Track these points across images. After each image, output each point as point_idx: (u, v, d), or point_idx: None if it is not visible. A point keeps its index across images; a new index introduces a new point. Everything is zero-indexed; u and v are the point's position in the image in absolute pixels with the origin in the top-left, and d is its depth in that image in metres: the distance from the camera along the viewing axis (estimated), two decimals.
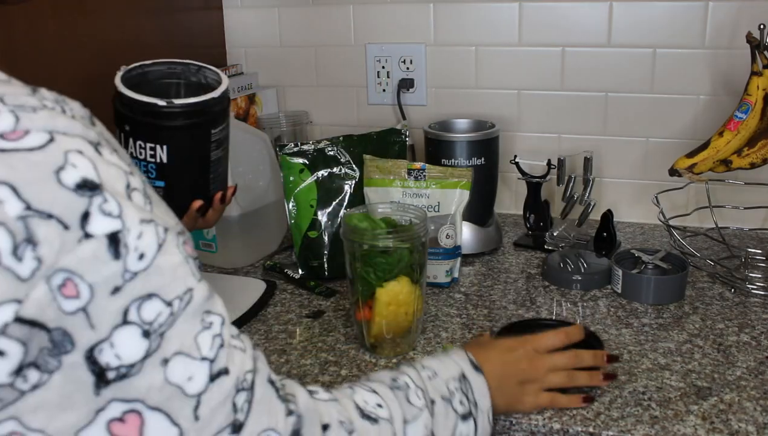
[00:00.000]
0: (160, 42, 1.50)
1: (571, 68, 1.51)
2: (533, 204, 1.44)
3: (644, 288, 1.17)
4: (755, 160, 1.22)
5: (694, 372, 0.97)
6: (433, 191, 1.24)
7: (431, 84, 1.62)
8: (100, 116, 0.58)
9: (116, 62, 1.37)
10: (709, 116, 1.44)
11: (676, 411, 0.88)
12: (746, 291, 1.19)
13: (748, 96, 1.22)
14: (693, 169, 1.26)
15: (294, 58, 1.70)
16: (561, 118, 1.54)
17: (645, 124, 1.49)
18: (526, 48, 1.53)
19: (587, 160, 1.37)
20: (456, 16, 1.56)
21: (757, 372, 0.96)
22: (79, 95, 1.35)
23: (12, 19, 1.12)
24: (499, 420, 0.88)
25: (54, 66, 1.21)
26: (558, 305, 1.18)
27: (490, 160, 1.37)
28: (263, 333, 1.11)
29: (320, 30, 1.66)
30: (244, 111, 1.64)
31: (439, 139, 1.36)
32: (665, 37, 1.43)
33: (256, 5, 1.69)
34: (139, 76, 0.99)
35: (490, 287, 1.25)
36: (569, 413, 0.88)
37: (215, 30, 1.71)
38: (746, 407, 0.88)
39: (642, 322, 1.11)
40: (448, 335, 1.09)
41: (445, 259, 1.23)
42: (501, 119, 1.49)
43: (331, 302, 1.21)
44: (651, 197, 1.34)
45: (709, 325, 1.10)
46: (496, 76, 1.57)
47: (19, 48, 1.14)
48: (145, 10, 1.45)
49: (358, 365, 1.01)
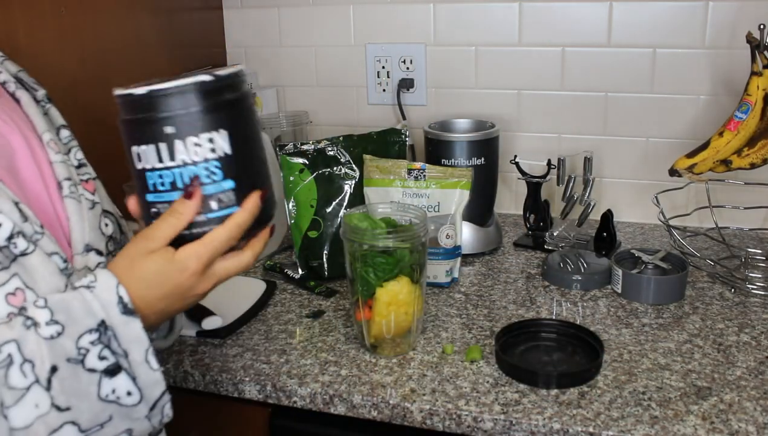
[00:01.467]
0: (160, 42, 1.50)
1: (571, 68, 1.51)
2: (533, 204, 1.44)
3: (644, 288, 1.17)
4: (755, 160, 1.22)
5: (694, 372, 0.97)
6: (433, 191, 1.24)
7: (431, 84, 1.62)
8: (101, 113, 0.58)
9: (116, 62, 1.37)
10: (709, 116, 1.44)
11: (676, 411, 0.88)
12: (746, 291, 1.19)
13: (748, 96, 1.22)
14: (693, 169, 1.26)
15: (294, 58, 1.70)
16: (561, 118, 1.54)
17: (645, 124, 1.49)
18: (526, 48, 1.53)
19: (587, 160, 1.37)
20: (456, 16, 1.56)
21: (757, 372, 0.96)
22: (79, 95, 1.35)
23: (13, 18, 1.12)
24: (499, 420, 0.88)
25: (54, 65, 1.21)
26: (558, 305, 1.18)
27: (490, 160, 1.37)
28: (263, 333, 1.11)
29: (320, 30, 1.66)
30: None
31: (439, 139, 1.36)
32: (665, 37, 1.43)
33: (256, 5, 1.69)
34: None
35: (490, 287, 1.25)
36: (569, 413, 0.88)
37: (215, 30, 1.71)
38: (746, 407, 0.88)
39: (642, 322, 1.11)
40: (448, 335, 1.09)
41: (445, 259, 1.23)
42: (501, 119, 1.49)
43: (331, 302, 1.21)
44: (651, 197, 1.34)
45: (709, 325, 1.10)
46: (496, 76, 1.57)
47: (19, 48, 1.14)
48: (145, 10, 1.45)
49: (358, 365, 1.01)
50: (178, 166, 0.68)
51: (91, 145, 1.33)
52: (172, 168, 0.68)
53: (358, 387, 0.96)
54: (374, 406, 0.94)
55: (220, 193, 0.69)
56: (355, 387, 0.96)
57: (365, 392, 0.95)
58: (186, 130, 0.68)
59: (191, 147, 0.68)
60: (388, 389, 0.95)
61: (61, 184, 0.76)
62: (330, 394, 0.95)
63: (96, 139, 1.35)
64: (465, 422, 0.90)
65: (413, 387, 0.95)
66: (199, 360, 1.04)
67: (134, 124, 0.70)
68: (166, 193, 0.69)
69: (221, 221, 0.70)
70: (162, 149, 0.68)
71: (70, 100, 1.26)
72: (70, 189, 0.76)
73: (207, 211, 0.69)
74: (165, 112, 0.68)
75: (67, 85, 1.24)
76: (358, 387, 0.96)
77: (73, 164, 0.81)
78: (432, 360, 1.02)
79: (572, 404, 0.90)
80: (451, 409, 0.91)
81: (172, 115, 0.68)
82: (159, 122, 0.68)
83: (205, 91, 0.69)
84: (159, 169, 0.68)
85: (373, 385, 0.96)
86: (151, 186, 0.69)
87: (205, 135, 0.68)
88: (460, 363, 1.01)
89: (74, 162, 0.81)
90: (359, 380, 0.98)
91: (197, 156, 0.68)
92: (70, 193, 0.76)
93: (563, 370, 0.98)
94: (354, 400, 0.94)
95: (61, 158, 0.78)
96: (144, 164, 0.69)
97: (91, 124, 1.32)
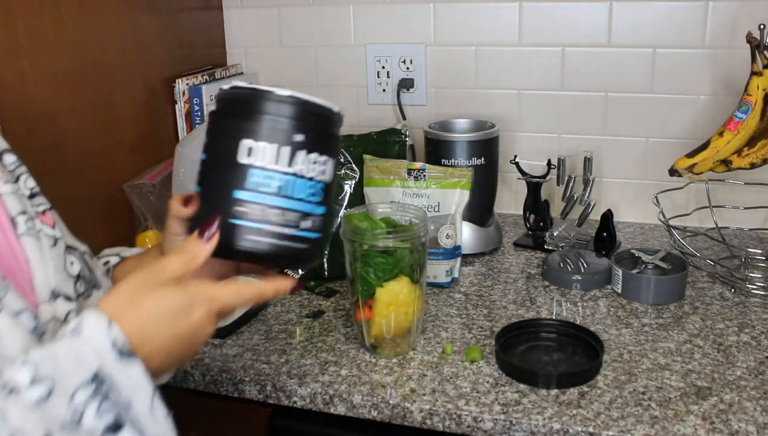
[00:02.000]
0: (160, 42, 1.50)
1: (571, 68, 1.51)
2: (533, 204, 1.44)
3: (644, 288, 1.17)
4: (755, 160, 1.22)
5: (694, 372, 0.97)
6: (433, 191, 1.24)
7: (431, 84, 1.62)
8: (101, 113, 0.57)
9: (116, 62, 1.37)
10: (709, 116, 1.44)
11: (676, 411, 0.88)
12: (746, 291, 1.19)
13: (748, 96, 1.22)
14: (693, 169, 1.26)
15: (294, 58, 1.70)
16: (561, 118, 1.54)
17: (645, 124, 1.49)
18: (526, 48, 1.53)
19: (587, 160, 1.37)
20: (456, 16, 1.56)
21: (757, 372, 0.96)
22: (79, 94, 1.35)
23: (13, 18, 1.12)
24: (499, 420, 0.88)
25: (54, 65, 1.21)
26: (558, 305, 1.18)
27: (490, 160, 1.37)
28: (263, 333, 1.11)
29: (320, 30, 1.66)
30: None
31: (439, 139, 1.36)
32: (665, 37, 1.43)
33: (256, 5, 1.69)
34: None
35: (490, 287, 1.25)
36: (569, 413, 0.88)
37: (215, 30, 1.71)
38: (746, 407, 0.88)
39: (642, 322, 1.11)
40: (448, 335, 1.09)
41: (445, 259, 1.23)
42: (501, 119, 1.49)
43: (331, 302, 1.21)
44: (651, 197, 1.34)
45: (709, 325, 1.10)
46: (496, 76, 1.57)
47: (19, 48, 1.14)
48: (145, 10, 1.45)
49: (358, 365, 1.01)
50: (291, 173, 0.68)
51: (91, 146, 1.34)
52: (286, 173, 0.68)
53: (358, 387, 0.96)
54: (374, 406, 0.94)
55: (313, 215, 0.70)
56: (355, 387, 0.96)
57: (365, 392, 0.95)
58: (312, 146, 0.69)
59: (310, 162, 0.69)
60: (388, 389, 0.95)
61: (14, 220, 0.66)
62: (330, 394, 0.95)
63: (96, 139, 1.36)
64: (465, 422, 0.90)
65: (413, 387, 0.95)
66: (199, 360, 1.04)
67: (260, 120, 0.68)
68: (264, 196, 0.67)
69: (305, 242, 0.70)
70: (283, 152, 0.68)
71: (70, 101, 1.27)
72: (26, 225, 0.66)
73: (299, 229, 0.69)
74: (301, 120, 0.69)
75: (67, 85, 1.24)
76: (358, 387, 0.96)
77: (24, 194, 0.69)
78: (432, 360, 1.02)
79: (572, 404, 0.90)
80: (451, 409, 0.91)
81: (306, 126, 0.69)
82: (293, 127, 0.68)
83: (333, 119, 0.72)
84: (271, 170, 0.67)
85: (373, 385, 0.96)
86: (252, 184, 0.67)
87: (323, 157, 0.70)
88: (460, 363, 1.01)
89: (26, 191, 0.70)
90: (359, 380, 0.98)
91: (311, 172, 0.69)
92: (27, 230, 0.66)
93: (563, 370, 0.98)
94: (354, 400, 0.94)
95: (10, 189, 0.67)
96: (253, 160, 0.67)
97: (92, 124, 1.33)
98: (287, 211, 0.68)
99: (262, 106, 0.68)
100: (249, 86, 0.70)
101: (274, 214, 0.67)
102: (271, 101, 0.68)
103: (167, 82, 1.51)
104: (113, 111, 1.37)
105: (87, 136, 1.30)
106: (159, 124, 1.51)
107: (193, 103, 1.52)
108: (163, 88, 1.50)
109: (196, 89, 1.52)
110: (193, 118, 1.53)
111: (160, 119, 1.51)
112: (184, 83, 1.51)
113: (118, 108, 1.38)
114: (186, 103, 1.52)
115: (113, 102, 1.37)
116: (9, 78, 1.13)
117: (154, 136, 1.49)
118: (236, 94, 0.70)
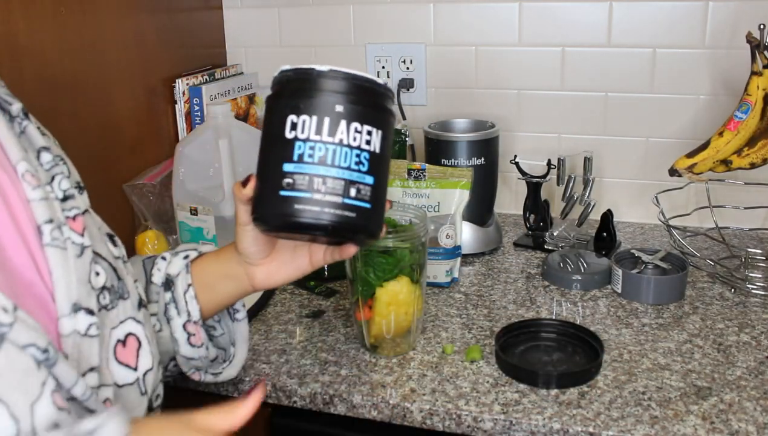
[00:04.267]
0: (160, 42, 1.50)
1: (571, 68, 1.51)
2: (533, 204, 1.44)
3: (644, 288, 1.17)
4: (755, 160, 1.22)
5: (694, 372, 0.97)
6: (433, 191, 1.24)
7: (431, 84, 1.62)
8: (101, 114, 0.58)
9: (116, 62, 1.37)
10: (709, 116, 1.44)
11: (676, 411, 0.88)
12: (746, 291, 1.19)
13: (748, 96, 1.22)
14: (693, 169, 1.26)
15: (294, 58, 1.70)
16: (561, 118, 1.54)
17: (645, 124, 1.49)
18: (526, 48, 1.53)
19: (587, 160, 1.37)
20: (456, 16, 1.56)
21: (757, 372, 0.96)
22: (79, 94, 1.35)
23: (13, 18, 1.12)
24: (499, 420, 0.88)
25: (54, 65, 1.21)
26: (558, 305, 1.18)
27: (490, 160, 1.37)
28: (263, 333, 1.11)
29: (320, 30, 1.66)
30: (244, 111, 1.64)
31: (439, 139, 1.36)
32: (665, 37, 1.43)
33: (256, 5, 1.69)
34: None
35: (490, 287, 1.25)
36: (569, 413, 0.88)
37: (215, 30, 1.71)
38: (746, 407, 0.88)
39: (642, 322, 1.11)
40: (448, 335, 1.09)
41: (445, 259, 1.23)
42: (501, 119, 1.49)
43: (331, 302, 1.21)
44: (651, 197, 1.34)
45: (709, 325, 1.10)
46: (496, 76, 1.57)
47: (19, 48, 1.14)
48: (145, 10, 1.45)
49: (358, 365, 1.01)
50: (334, 143, 0.71)
51: (91, 146, 1.34)
52: (328, 143, 0.71)
53: (358, 387, 0.96)
54: (374, 406, 0.94)
55: (360, 183, 0.72)
56: (355, 387, 0.96)
57: (365, 392, 0.95)
58: (353, 116, 0.72)
59: (352, 132, 0.72)
60: (388, 389, 0.95)
61: (41, 228, 0.64)
62: (330, 394, 0.95)
63: (96, 139, 1.36)
64: (465, 422, 0.90)
65: (413, 387, 0.95)
66: None
67: (301, 95, 0.72)
68: (308, 166, 0.70)
69: (353, 210, 0.71)
70: (325, 123, 0.71)
71: (70, 101, 1.27)
72: (52, 235, 0.64)
73: (346, 196, 0.71)
74: (341, 92, 0.72)
75: (67, 85, 1.24)
76: (358, 387, 0.96)
77: (57, 197, 0.67)
78: (432, 360, 1.02)
79: (572, 404, 0.90)
80: (451, 409, 0.91)
81: (346, 98, 0.72)
82: (332, 99, 0.72)
83: (377, 91, 0.74)
84: (314, 141, 0.71)
85: (373, 385, 0.96)
86: (297, 156, 0.70)
87: (366, 127, 0.73)
88: (460, 363, 1.01)
89: (58, 194, 0.68)
90: (359, 380, 0.98)
91: (355, 142, 0.72)
92: (52, 241, 0.64)
93: (563, 370, 0.98)
94: (354, 400, 0.94)
95: (40, 194, 0.65)
96: (297, 133, 0.71)
97: (91, 124, 1.33)
98: (332, 180, 0.70)
99: (303, 83, 0.72)
100: (292, 67, 0.74)
101: (319, 183, 0.70)
102: (311, 77, 0.72)
103: (167, 82, 1.51)
104: (113, 111, 1.37)
105: (87, 137, 1.30)
106: (159, 124, 1.51)
107: (193, 103, 1.52)
108: (163, 88, 1.50)
109: (196, 89, 1.52)
110: (193, 118, 1.53)
111: (160, 119, 1.51)
112: (184, 83, 1.51)
113: (118, 108, 1.38)
114: (186, 103, 1.52)
115: (113, 102, 1.37)
116: (9, 78, 1.13)
117: (154, 136, 1.49)
118: (281, 76, 0.74)
